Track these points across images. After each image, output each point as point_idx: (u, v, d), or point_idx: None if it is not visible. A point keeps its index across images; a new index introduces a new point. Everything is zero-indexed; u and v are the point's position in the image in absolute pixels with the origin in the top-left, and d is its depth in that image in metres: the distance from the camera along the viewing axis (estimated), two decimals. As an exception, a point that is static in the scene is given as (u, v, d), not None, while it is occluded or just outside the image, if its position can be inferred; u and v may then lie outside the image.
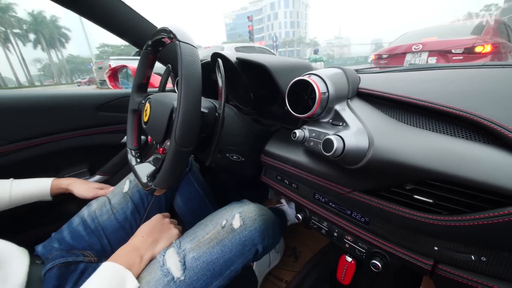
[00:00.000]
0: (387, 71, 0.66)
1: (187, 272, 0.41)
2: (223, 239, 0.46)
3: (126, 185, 0.65)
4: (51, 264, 0.47)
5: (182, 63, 0.38)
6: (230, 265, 0.45)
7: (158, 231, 0.51)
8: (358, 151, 0.33)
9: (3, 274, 0.40)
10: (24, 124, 0.72)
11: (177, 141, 0.38)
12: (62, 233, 0.58)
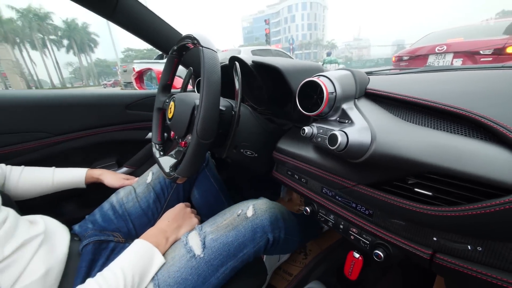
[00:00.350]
0: (399, 73, 0.67)
1: (206, 250, 0.47)
2: (237, 225, 0.52)
3: (149, 177, 0.72)
4: (87, 240, 0.54)
5: (204, 66, 0.43)
6: (243, 248, 0.50)
7: (181, 218, 0.56)
8: (361, 146, 0.36)
9: (51, 245, 0.48)
10: (65, 120, 0.82)
11: (199, 134, 0.43)
12: (94, 216, 0.66)
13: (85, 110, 0.86)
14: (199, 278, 0.45)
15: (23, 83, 37.76)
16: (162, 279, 0.43)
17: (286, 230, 0.59)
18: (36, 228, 0.47)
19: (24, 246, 0.42)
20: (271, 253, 0.60)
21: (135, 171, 0.97)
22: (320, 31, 77.78)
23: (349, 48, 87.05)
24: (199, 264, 0.46)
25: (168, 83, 0.71)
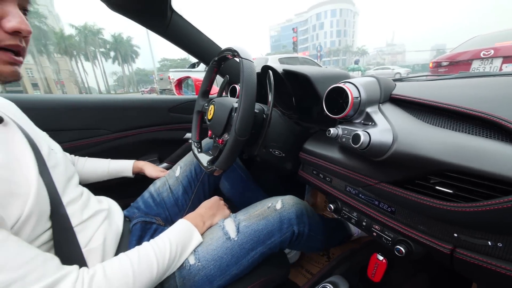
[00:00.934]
0: (429, 79, 0.68)
1: (240, 235, 0.54)
2: (267, 215, 0.58)
3: (178, 171, 0.81)
4: (135, 220, 0.65)
5: (243, 75, 0.51)
6: (271, 237, 0.56)
7: (216, 208, 0.64)
8: (382, 145, 0.40)
9: (111, 220, 0.59)
10: (121, 120, 0.98)
11: (237, 132, 0.50)
12: (138, 203, 0.77)
13: (136, 112, 1.01)
14: (232, 258, 0.52)
15: (76, 90, 43.29)
16: (202, 254, 0.51)
17: (310, 226, 0.63)
18: (102, 205, 0.59)
19: (94, 216, 0.53)
20: (295, 246, 0.64)
21: (173, 166, 1.09)
22: (350, 37, 75.70)
23: (381, 54, 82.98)
24: (233, 246, 0.53)
25: (207, 89, 0.81)
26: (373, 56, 79.18)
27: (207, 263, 0.50)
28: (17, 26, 0.35)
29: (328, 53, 69.43)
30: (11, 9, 0.35)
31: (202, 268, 0.50)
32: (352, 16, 75.64)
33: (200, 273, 0.50)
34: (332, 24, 72.84)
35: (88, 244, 0.48)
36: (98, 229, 0.52)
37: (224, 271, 0.51)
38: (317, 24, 73.96)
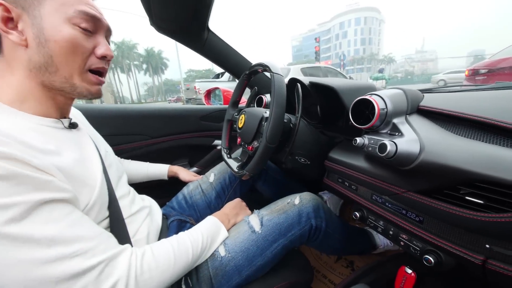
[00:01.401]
0: (461, 90, 0.67)
1: (263, 228, 0.58)
2: (287, 210, 0.62)
3: (212, 177, 0.88)
4: (172, 218, 0.72)
5: (275, 87, 0.56)
6: (291, 229, 0.59)
7: (239, 208, 0.69)
8: (409, 154, 0.41)
9: (152, 216, 0.66)
10: (159, 127, 1.08)
11: (267, 139, 0.55)
12: (172, 203, 0.84)
13: (172, 120, 1.11)
14: (257, 249, 0.56)
15: (112, 99, 47.45)
16: (231, 246, 0.56)
17: (327, 222, 0.65)
18: (145, 202, 0.66)
19: (139, 212, 0.60)
20: (314, 242, 0.65)
21: (202, 170, 1.17)
22: (375, 45, 73.53)
23: (410, 61, 78.92)
24: (258, 238, 0.57)
25: (237, 99, 0.88)
26: (401, 64, 75.64)
27: (236, 254, 0.55)
28: (105, 52, 0.45)
29: (352, 62, 67.91)
30: (101, 39, 0.45)
31: (231, 259, 0.55)
32: (377, 24, 73.71)
33: (230, 264, 0.54)
34: (356, 33, 71.57)
35: (135, 235, 0.55)
36: (143, 223, 0.59)
37: (251, 261, 0.56)
38: (340, 33, 73.20)
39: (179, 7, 0.68)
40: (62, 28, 0.40)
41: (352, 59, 68.20)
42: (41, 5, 0.39)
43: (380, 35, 75.94)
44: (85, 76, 0.44)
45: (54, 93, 0.43)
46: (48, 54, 0.40)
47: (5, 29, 0.38)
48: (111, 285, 0.36)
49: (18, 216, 0.30)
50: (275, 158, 0.81)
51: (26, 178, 0.32)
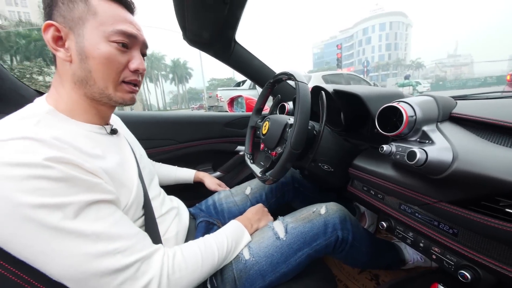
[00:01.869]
0: (496, 97, 0.63)
1: (288, 235, 0.59)
2: (312, 219, 0.62)
3: (248, 190, 0.89)
4: (201, 219, 0.75)
5: (299, 95, 0.58)
6: (317, 239, 0.59)
7: (261, 213, 0.70)
8: (441, 163, 0.40)
9: (180, 216, 0.70)
10: (186, 132, 1.15)
11: (292, 145, 0.57)
12: (202, 205, 0.88)
13: (198, 126, 1.18)
14: (281, 256, 0.56)
15: (141, 107, 50.88)
16: (255, 251, 0.57)
17: (354, 234, 0.63)
18: (173, 203, 0.71)
19: (169, 212, 0.65)
20: (339, 254, 0.64)
21: (224, 175, 1.21)
22: (401, 50, 70.23)
23: (441, 66, 73.85)
24: (282, 245, 0.57)
25: (261, 107, 0.91)
26: (430, 69, 71.07)
27: (260, 259, 0.56)
28: (137, 67, 0.47)
29: (376, 68, 65.41)
30: (135, 54, 0.48)
31: (255, 263, 0.55)
32: (404, 28, 70.60)
33: (254, 268, 0.55)
34: (381, 38, 69.15)
35: (165, 234, 0.59)
36: (172, 223, 0.63)
37: (275, 268, 0.56)
38: (364, 39, 71.29)
39: (210, 23, 0.74)
40: (100, 45, 0.43)
41: (376, 65, 65.72)
42: (84, 25, 0.42)
43: (407, 40, 72.47)
44: (120, 87, 0.47)
45: (96, 103, 0.47)
46: (87, 69, 0.43)
47: (55, 47, 0.43)
48: (146, 282, 0.39)
49: (72, 214, 0.34)
50: (298, 165, 0.81)
51: (79, 180, 0.36)
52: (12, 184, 0.31)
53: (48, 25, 0.42)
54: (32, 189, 0.32)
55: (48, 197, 0.33)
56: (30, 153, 0.33)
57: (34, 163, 0.33)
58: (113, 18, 0.43)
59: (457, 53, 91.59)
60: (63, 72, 0.45)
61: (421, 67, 61.60)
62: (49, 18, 0.43)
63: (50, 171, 0.33)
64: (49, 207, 0.33)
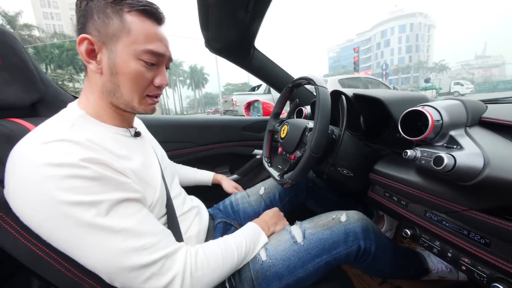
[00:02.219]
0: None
1: (306, 241, 0.58)
2: (332, 226, 0.60)
3: (262, 190, 0.90)
4: (219, 220, 0.77)
5: (320, 99, 0.59)
6: (336, 247, 0.58)
7: (277, 217, 0.70)
8: (470, 169, 0.39)
9: (201, 216, 0.72)
10: (205, 136, 1.19)
11: (312, 149, 0.57)
12: (219, 206, 0.90)
13: (216, 130, 1.21)
14: (299, 261, 0.56)
15: (160, 111, 53.05)
16: (272, 253, 0.57)
17: (376, 244, 0.61)
18: (193, 203, 0.73)
19: (190, 211, 0.67)
20: (361, 264, 0.62)
21: (241, 178, 1.23)
22: (423, 52, 67.21)
23: (468, 68, 69.46)
24: (300, 249, 0.57)
25: (279, 111, 0.93)
26: (456, 71, 67.09)
27: (277, 261, 0.56)
28: (161, 83, 0.50)
29: (396, 71, 63.00)
30: (161, 69, 0.49)
31: (272, 265, 0.56)
32: (426, 30, 67.66)
33: (271, 269, 0.55)
34: (401, 40, 66.71)
35: (186, 232, 0.61)
36: (193, 222, 0.65)
37: (291, 271, 0.56)
38: (382, 41, 69.20)
39: (232, 31, 0.78)
40: (130, 63, 0.45)
41: (396, 68, 63.32)
42: (117, 41, 0.44)
43: (429, 41, 69.28)
44: (144, 100, 0.50)
45: (120, 111, 0.50)
46: (116, 83, 0.46)
47: (88, 59, 0.45)
48: (171, 278, 0.41)
49: (104, 211, 0.37)
50: (317, 169, 0.81)
51: (110, 179, 0.39)
52: (52, 183, 0.35)
53: (82, 38, 0.44)
54: (69, 187, 0.35)
55: (83, 195, 0.36)
56: (67, 154, 0.36)
57: (71, 163, 0.36)
58: (145, 37, 0.45)
59: (486, 54, 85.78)
60: (93, 81, 0.48)
61: (445, 69, 58.45)
62: (83, 29, 0.44)
63: (85, 171, 0.36)
64: (84, 205, 0.36)
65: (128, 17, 0.44)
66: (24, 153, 0.37)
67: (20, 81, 0.58)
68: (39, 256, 0.38)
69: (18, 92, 0.57)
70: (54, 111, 0.73)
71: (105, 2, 0.43)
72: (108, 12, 0.43)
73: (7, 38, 0.57)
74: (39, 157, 0.35)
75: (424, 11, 70.36)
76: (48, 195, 0.34)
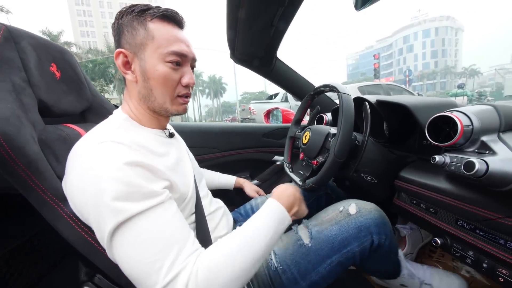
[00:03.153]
0: None
1: (313, 241, 0.55)
2: (340, 220, 0.56)
3: None
4: (240, 223, 0.79)
5: (343, 106, 0.61)
6: (347, 245, 0.54)
7: (299, 202, 0.56)
8: (505, 174, 0.38)
9: (227, 216, 0.75)
10: (228, 142, 1.24)
11: (335, 154, 0.59)
12: (240, 210, 0.93)
13: (238, 136, 1.26)
14: (309, 264, 0.54)
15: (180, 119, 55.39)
16: (282, 258, 0.56)
17: (391, 239, 0.57)
18: (220, 204, 0.77)
19: (217, 211, 0.70)
20: (372, 262, 0.59)
21: (262, 184, 1.25)
22: (450, 57, 63.61)
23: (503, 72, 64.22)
24: (308, 252, 0.54)
25: (300, 118, 0.95)
26: (489, 76, 62.27)
27: (288, 267, 0.54)
28: (188, 81, 0.52)
29: (420, 77, 60.04)
30: (186, 69, 0.52)
31: (283, 271, 0.54)
32: (453, 34, 64.20)
33: (283, 276, 0.54)
34: (425, 45, 63.86)
35: (213, 231, 0.64)
36: (220, 222, 0.67)
37: (304, 276, 0.54)
38: (404, 47, 66.75)
39: (257, 43, 0.83)
40: (158, 67, 0.48)
41: (420, 74, 60.41)
42: (145, 49, 0.48)
43: (457, 45, 65.51)
44: (175, 101, 0.53)
45: (157, 114, 0.54)
46: (149, 87, 0.49)
47: (124, 70, 0.49)
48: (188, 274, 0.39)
49: (140, 208, 0.39)
50: (340, 175, 0.81)
51: (149, 180, 0.42)
52: (101, 179, 0.38)
53: (118, 53, 0.49)
54: (115, 185, 0.38)
55: (125, 193, 0.39)
56: (115, 154, 0.40)
57: (119, 162, 0.39)
58: (167, 40, 0.48)
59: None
60: (131, 89, 0.52)
61: (476, 74, 54.56)
62: (118, 45, 0.50)
63: (129, 171, 0.40)
64: (125, 201, 0.38)
65: (151, 25, 0.47)
66: (81, 152, 0.43)
67: (74, 91, 0.67)
68: (90, 243, 0.43)
69: (72, 101, 0.66)
70: (100, 118, 0.82)
71: (131, 16, 0.48)
72: (135, 25, 0.48)
73: (66, 56, 0.67)
74: (93, 156, 0.40)
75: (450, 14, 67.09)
76: (98, 189, 0.38)
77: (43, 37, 0.63)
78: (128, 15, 0.48)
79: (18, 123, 0.43)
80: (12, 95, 0.46)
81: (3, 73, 0.46)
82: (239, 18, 0.69)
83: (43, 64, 0.57)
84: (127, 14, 0.48)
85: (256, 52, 0.90)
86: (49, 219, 0.43)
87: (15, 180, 0.42)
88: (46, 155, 0.47)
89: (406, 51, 66.48)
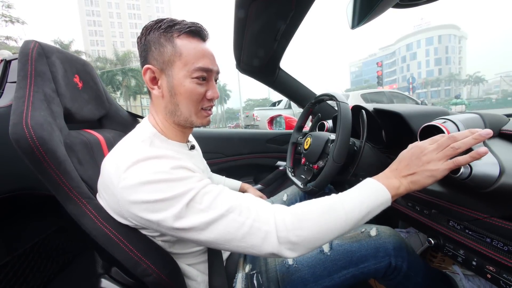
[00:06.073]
0: None
1: (332, 251, 0.59)
2: (361, 239, 0.60)
3: (285, 197, 0.96)
4: None
5: (341, 113, 0.65)
6: (365, 261, 0.57)
7: (420, 164, 0.47)
8: (486, 177, 0.42)
9: None
10: (232, 147, 1.30)
11: (334, 158, 0.63)
12: None
13: (242, 142, 1.32)
14: (324, 270, 0.57)
15: (183, 125, 55.82)
16: (299, 258, 0.59)
17: (409, 263, 0.59)
18: None
19: None
20: (389, 282, 0.61)
21: (265, 188, 1.29)
22: (454, 64, 63.51)
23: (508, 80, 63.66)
24: (326, 259, 0.58)
25: (302, 125, 1.00)
26: (494, 83, 61.78)
27: (303, 267, 0.58)
28: (212, 95, 0.53)
29: (425, 84, 59.91)
30: (211, 83, 0.53)
31: (297, 270, 0.58)
32: (456, 41, 64.35)
33: (296, 274, 0.57)
34: (429, 53, 64.04)
35: None
36: None
37: (317, 280, 0.57)
38: (408, 54, 67.05)
39: (261, 55, 0.89)
40: (185, 82, 0.49)
41: (424, 82, 60.32)
42: (172, 66, 0.49)
43: (461, 53, 65.53)
44: (200, 113, 0.54)
45: (182, 127, 0.56)
46: (176, 103, 0.51)
47: (152, 86, 0.51)
48: None
49: None
50: (338, 179, 0.85)
51: (195, 174, 0.46)
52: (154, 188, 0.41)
53: (146, 69, 0.50)
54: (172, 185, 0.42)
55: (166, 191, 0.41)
56: (160, 166, 0.42)
57: (164, 171, 0.42)
58: (194, 56, 0.49)
59: (530, 64, 78.13)
60: (157, 104, 0.54)
61: (481, 81, 54.23)
62: (145, 60, 0.50)
63: (177, 172, 0.43)
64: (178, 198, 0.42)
65: (178, 41, 0.48)
66: (120, 173, 0.42)
67: (94, 100, 0.73)
68: (109, 237, 0.48)
69: (92, 109, 0.72)
70: (115, 124, 0.88)
71: (158, 33, 0.48)
72: (162, 41, 0.48)
73: (87, 67, 0.74)
74: (136, 176, 0.41)
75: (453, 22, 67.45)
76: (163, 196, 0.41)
77: (64, 50, 0.70)
78: (155, 31, 0.49)
79: (50, 129, 0.49)
80: (44, 104, 0.52)
81: (37, 84, 0.53)
82: (245, 34, 0.75)
83: (68, 75, 0.64)
84: (154, 30, 0.49)
85: (260, 64, 0.96)
86: (74, 214, 0.48)
87: (46, 179, 0.47)
88: (71, 158, 0.52)
89: (409, 58, 66.73)
